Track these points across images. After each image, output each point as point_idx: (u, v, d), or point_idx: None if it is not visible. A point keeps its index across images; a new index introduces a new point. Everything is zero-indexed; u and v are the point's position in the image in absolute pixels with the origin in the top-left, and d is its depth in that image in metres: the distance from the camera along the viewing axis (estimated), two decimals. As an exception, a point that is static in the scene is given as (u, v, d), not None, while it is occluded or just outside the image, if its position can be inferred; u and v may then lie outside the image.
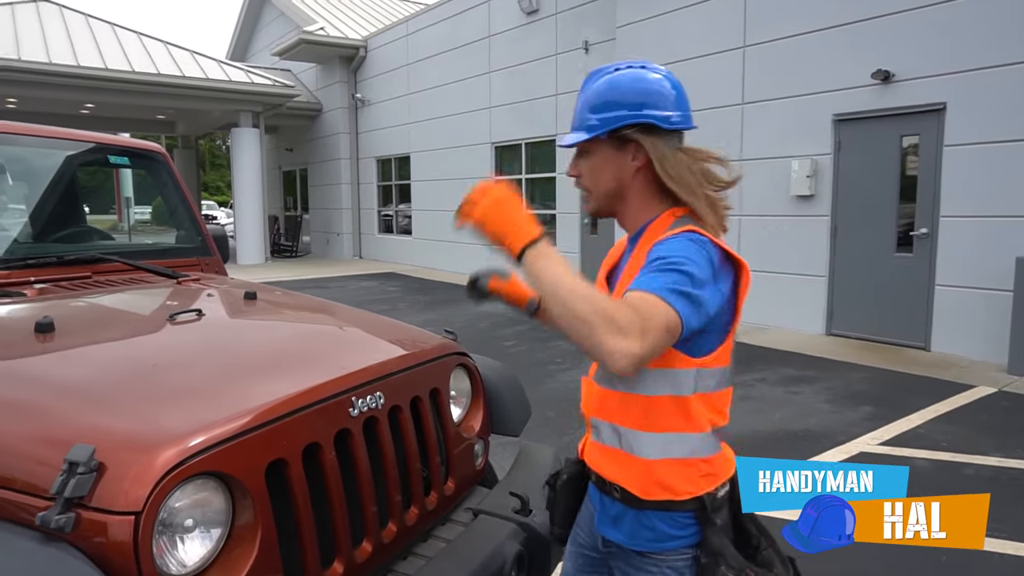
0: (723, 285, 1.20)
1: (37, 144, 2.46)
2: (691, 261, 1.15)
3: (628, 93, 1.30)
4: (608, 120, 1.30)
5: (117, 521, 1.17)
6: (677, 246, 1.19)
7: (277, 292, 2.55)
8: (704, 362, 1.23)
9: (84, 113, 16.98)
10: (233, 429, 1.36)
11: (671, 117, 1.30)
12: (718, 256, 1.20)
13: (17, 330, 1.69)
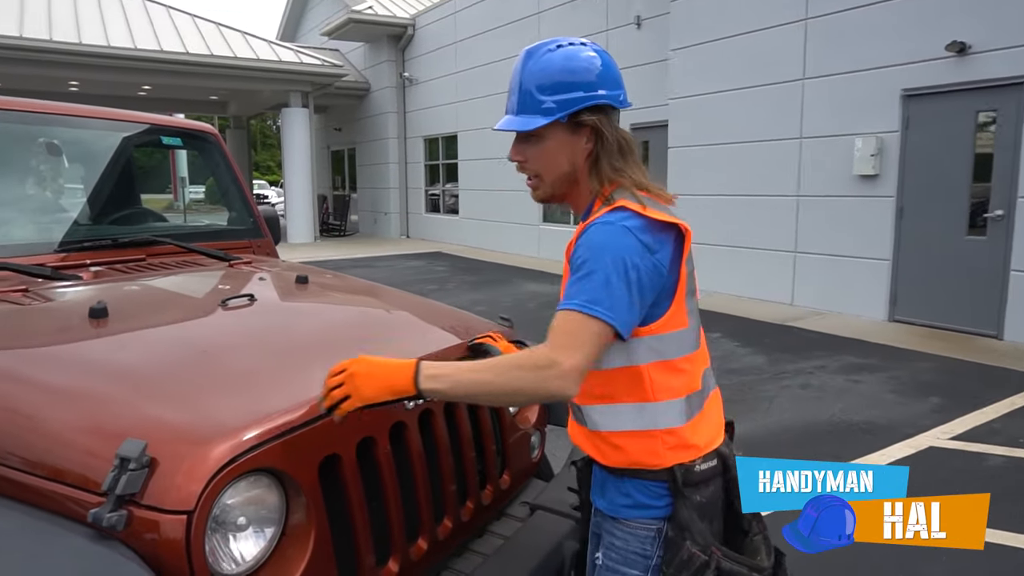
0: (660, 255, 1.21)
1: (93, 126, 2.45)
2: (604, 260, 1.17)
3: (583, 73, 1.28)
4: (566, 103, 1.27)
5: (169, 520, 1.12)
6: (593, 241, 1.20)
7: (328, 276, 2.51)
8: (653, 328, 1.24)
9: (141, 95, 17.36)
10: (287, 423, 1.31)
11: (620, 96, 1.30)
12: (648, 228, 1.20)
13: (72, 315, 1.67)
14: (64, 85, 15.52)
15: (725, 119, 8.64)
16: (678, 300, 1.25)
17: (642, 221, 1.20)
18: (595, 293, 1.16)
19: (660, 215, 1.22)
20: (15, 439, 1.26)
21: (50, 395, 1.33)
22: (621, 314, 1.16)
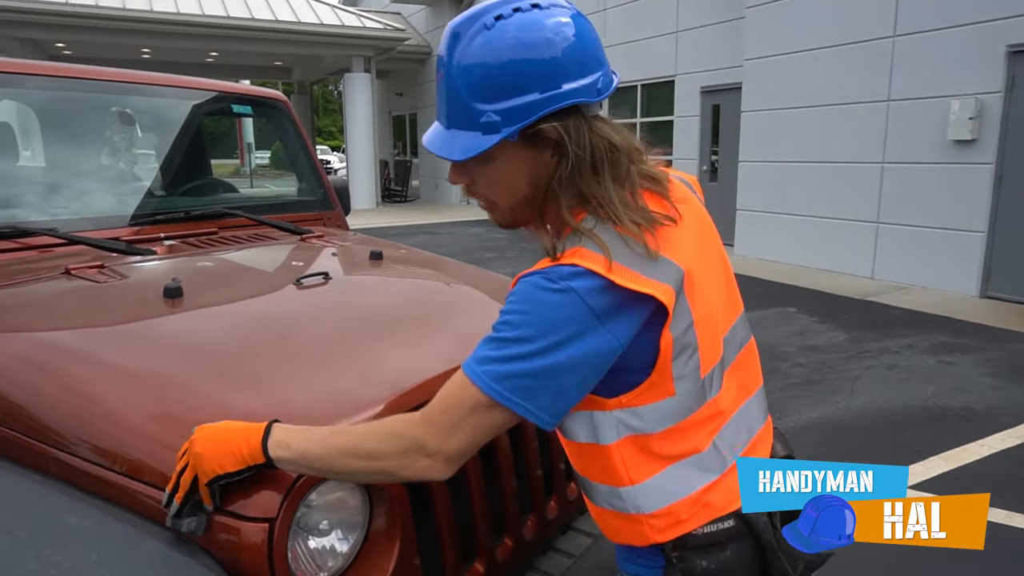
0: (616, 326, 0.91)
1: (164, 94, 2.39)
2: (529, 324, 0.90)
3: (538, 64, 0.92)
4: (514, 113, 0.93)
5: (251, 527, 1.04)
6: (525, 297, 0.92)
7: (402, 250, 2.41)
8: (623, 401, 0.98)
9: (209, 61, 17.64)
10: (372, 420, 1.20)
11: (597, 83, 0.96)
12: (606, 291, 0.90)
13: (147, 295, 1.61)
14: (137, 52, 15.90)
15: (804, 81, 8.16)
16: (660, 370, 0.96)
17: (597, 282, 0.89)
18: (503, 365, 0.90)
19: (629, 279, 0.90)
20: (89, 427, 1.19)
21: (125, 383, 1.26)
22: (534, 400, 0.91)
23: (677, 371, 0.98)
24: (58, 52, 15.82)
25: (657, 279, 0.92)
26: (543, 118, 0.93)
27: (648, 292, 0.91)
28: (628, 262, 0.91)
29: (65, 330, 1.46)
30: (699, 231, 1.07)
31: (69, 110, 2.16)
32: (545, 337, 0.89)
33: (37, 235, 1.84)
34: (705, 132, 10.45)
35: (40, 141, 2.19)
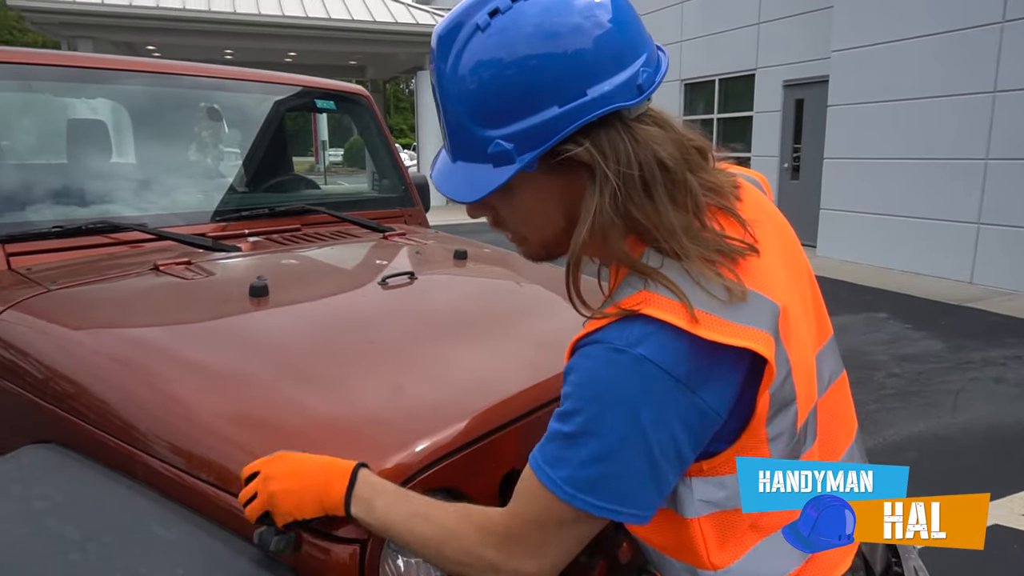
0: (708, 392, 0.74)
1: (248, 89, 2.38)
2: (606, 416, 0.72)
3: (552, 67, 0.72)
4: (527, 136, 0.74)
5: (341, 548, 0.96)
6: (590, 380, 0.74)
7: (487, 250, 2.32)
8: (707, 468, 0.81)
9: (287, 61, 18.13)
10: (467, 434, 1.12)
11: (638, 77, 0.75)
12: (690, 354, 0.72)
13: (232, 294, 1.58)
14: (220, 54, 16.47)
15: (898, 72, 7.70)
16: (752, 433, 0.79)
17: (678, 340, 0.71)
18: (582, 470, 0.74)
19: (719, 329, 0.71)
20: (175, 430, 1.15)
21: (210, 384, 1.22)
22: (631, 499, 0.75)
23: (772, 431, 0.81)
24: (148, 55, 16.57)
25: (752, 325, 0.74)
26: (568, 137, 0.74)
27: (745, 346, 0.72)
28: (712, 308, 0.73)
29: (152, 327, 1.43)
30: (781, 248, 0.88)
31: (158, 106, 2.17)
32: (623, 427, 0.72)
33: (128, 231, 1.84)
34: (787, 128, 10.03)
35: (131, 137, 2.21)
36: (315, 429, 1.10)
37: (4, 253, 1.68)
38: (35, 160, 1.93)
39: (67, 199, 1.88)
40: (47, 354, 1.36)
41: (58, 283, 1.56)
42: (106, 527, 1.03)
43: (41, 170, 1.94)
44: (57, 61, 1.92)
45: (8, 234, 1.69)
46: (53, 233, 1.74)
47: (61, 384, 1.29)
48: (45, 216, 1.78)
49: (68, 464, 1.19)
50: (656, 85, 0.77)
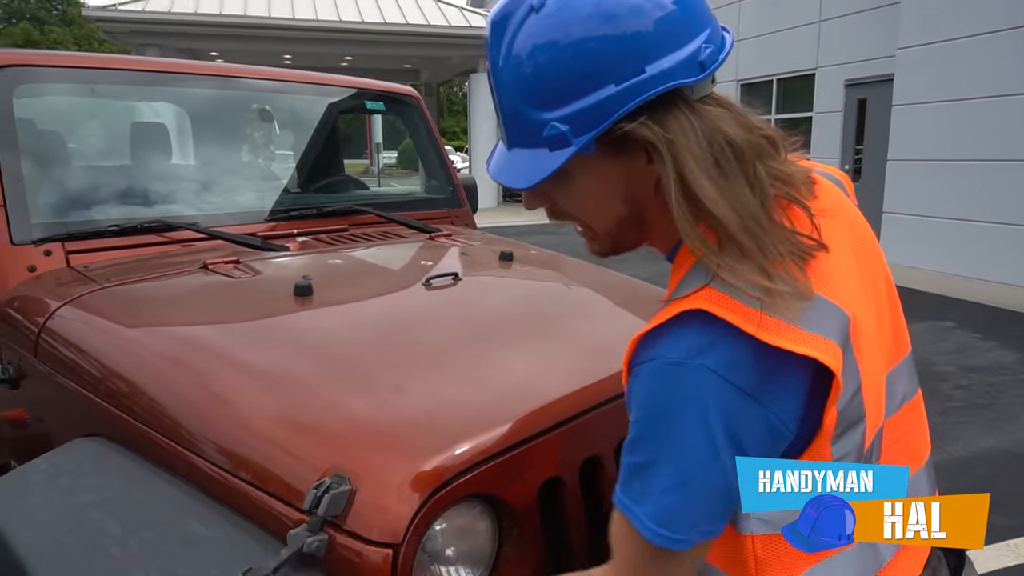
0: (775, 403, 0.68)
1: (299, 91, 2.41)
2: (672, 439, 0.68)
3: (609, 45, 0.69)
4: (583, 117, 0.71)
5: (374, 551, 0.95)
6: (651, 397, 0.69)
7: (532, 251, 2.30)
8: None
9: (344, 65, 18.48)
10: (506, 439, 1.09)
11: (700, 53, 0.71)
12: (753, 361, 0.66)
13: (278, 293, 1.59)
14: (279, 59, 16.90)
15: (970, 70, 7.36)
16: (815, 451, 0.74)
17: (742, 346, 0.67)
18: (663, 502, 0.69)
19: (784, 335, 0.66)
20: (215, 428, 1.16)
21: (252, 384, 1.22)
22: (709, 523, 0.72)
23: (837, 452, 0.75)
24: (211, 60, 17.14)
25: (820, 333, 0.68)
26: (627, 116, 0.70)
27: (811, 354, 0.67)
28: (778, 311, 0.67)
29: (198, 326, 1.45)
30: (857, 252, 0.81)
31: (213, 108, 2.21)
32: (696, 447, 0.68)
33: (180, 230, 1.88)
34: (848, 129, 9.71)
35: (189, 139, 2.26)
36: (354, 431, 1.09)
37: (64, 251, 1.73)
38: (94, 162, 1.99)
39: (125, 199, 1.94)
40: (97, 349, 1.39)
41: (112, 280, 1.60)
42: (147, 523, 1.04)
43: (100, 171, 2.00)
44: (113, 65, 1.98)
45: (68, 233, 1.74)
46: (109, 232, 1.79)
47: (109, 379, 1.32)
48: (103, 216, 1.83)
49: (115, 458, 1.21)
50: (719, 63, 0.74)
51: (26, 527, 1.05)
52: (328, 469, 1.01)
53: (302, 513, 0.98)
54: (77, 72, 1.91)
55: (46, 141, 1.88)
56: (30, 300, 1.59)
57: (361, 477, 0.99)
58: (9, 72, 1.78)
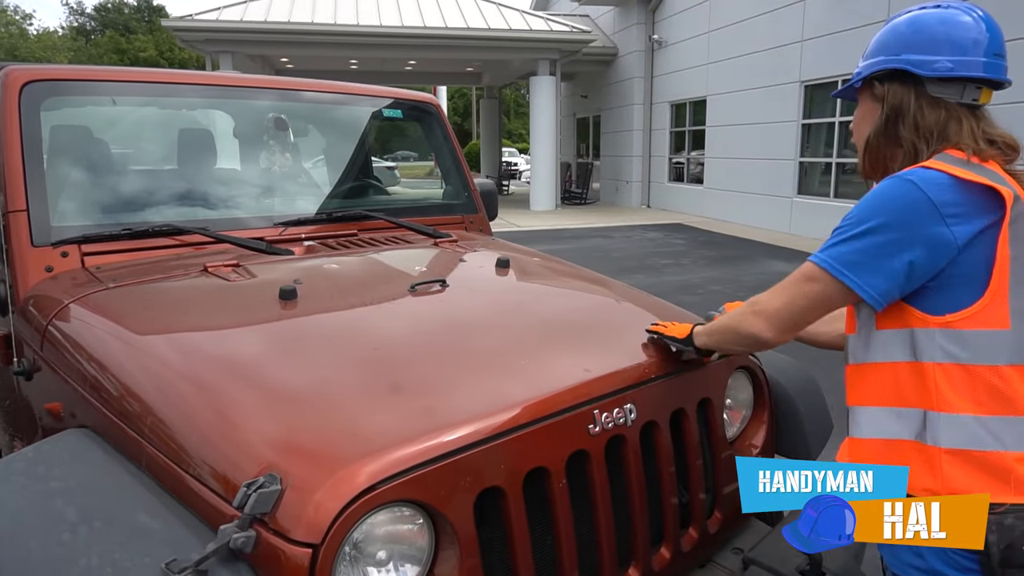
0: (956, 222, 1.02)
1: (314, 100, 2.49)
2: (868, 210, 1.06)
3: (897, 35, 1.15)
4: (869, 66, 1.18)
5: (294, 551, 0.99)
6: (871, 195, 1.08)
7: (535, 259, 2.31)
8: (948, 321, 1.03)
9: (408, 69, 18.85)
10: (442, 446, 1.11)
11: (937, 63, 1.10)
12: (950, 187, 1.03)
13: (264, 296, 1.66)
14: (345, 64, 17.38)
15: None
16: (993, 291, 1.02)
17: (942, 177, 1.03)
18: (837, 245, 1.08)
19: (972, 175, 1.03)
20: (168, 424, 1.22)
21: (208, 382, 1.29)
22: (863, 275, 1.05)
23: (1016, 300, 1.02)
24: (282, 67, 17.74)
25: (996, 183, 1.02)
26: (877, 74, 1.16)
27: (989, 184, 1.01)
28: (970, 169, 1.04)
29: (175, 325, 1.54)
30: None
31: (230, 116, 2.31)
32: (877, 218, 1.04)
33: (189, 233, 1.97)
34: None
35: (206, 146, 2.37)
36: (292, 433, 1.14)
37: (79, 253, 1.85)
38: (111, 169, 2.11)
39: (140, 204, 2.05)
40: (88, 345, 1.49)
41: (116, 281, 1.70)
42: (100, 512, 1.11)
43: (116, 177, 2.11)
44: (133, 77, 2.10)
45: (83, 235, 1.86)
46: (122, 235, 1.89)
47: (92, 373, 1.41)
48: (117, 220, 1.94)
49: (91, 450, 1.29)
50: (951, 73, 1.10)
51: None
52: (264, 468, 1.06)
53: (235, 509, 1.03)
54: (99, 85, 2.04)
55: (67, 150, 2.00)
56: (43, 298, 1.70)
57: (291, 477, 1.03)
58: (37, 87, 1.91)
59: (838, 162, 10.84)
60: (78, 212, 1.91)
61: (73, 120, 2.10)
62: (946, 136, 1.11)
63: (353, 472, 1.03)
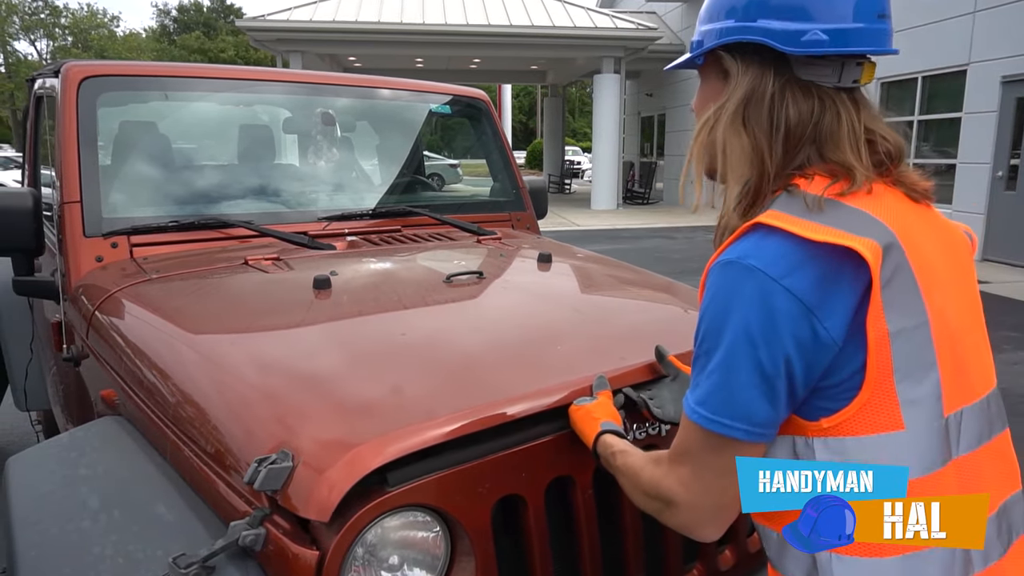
0: (825, 312, 0.75)
1: (361, 95, 2.49)
2: (724, 330, 0.77)
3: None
4: (715, 34, 0.90)
5: (302, 552, 0.96)
6: (711, 293, 0.80)
7: (579, 255, 2.25)
8: (825, 428, 0.78)
9: (472, 67, 18.95)
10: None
11: (807, 33, 0.82)
12: (804, 263, 0.75)
13: (298, 287, 1.66)
14: (411, 62, 17.60)
15: None
16: (873, 382, 0.76)
17: (786, 247, 0.76)
18: (712, 390, 0.79)
19: (820, 231, 0.75)
20: (190, 415, 1.22)
21: (235, 369, 1.29)
22: (742, 412, 0.78)
23: (905, 392, 0.77)
24: (350, 65, 18.11)
25: (857, 233, 0.76)
26: (723, 47, 0.88)
27: (846, 244, 0.74)
28: (818, 219, 0.77)
29: (210, 314, 1.55)
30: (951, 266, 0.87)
31: (281, 111, 2.33)
32: (733, 334, 0.77)
33: (234, 227, 2.00)
34: (1004, 130, 8.73)
35: (256, 141, 2.40)
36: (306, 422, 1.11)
37: (128, 244, 1.89)
38: (162, 162, 2.16)
39: (190, 198, 2.09)
40: (123, 333, 1.52)
41: (159, 273, 1.73)
42: (121, 501, 1.12)
43: (167, 170, 2.16)
44: (187, 73, 2.14)
45: (132, 227, 1.90)
46: (169, 227, 1.93)
47: (125, 361, 1.43)
48: (166, 212, 1.99)
49: (122, 437, 1.31)
50: (823, 51, 0.83)
51: (26, 493, 1.17)
52: (275, 448, 1.03)
53: (245, 487, 1.01)
54: (154, 80, 2.09)
55: (119, 143, 2.06)
56: (91, 288, 1.75)
57: (303, 455, 1.01)
58: (95, 82, 1.97)
59: (916, 163, 10.33)
60: (129, 204, 1.96)
61: (134, 115, 2.16)
62: (817, 137, 0.84)
63: (366, 451, 1.00)
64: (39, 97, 2.41)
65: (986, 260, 8.74)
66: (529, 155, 35.33)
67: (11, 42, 34.03)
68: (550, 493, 1.15)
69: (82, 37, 36.22)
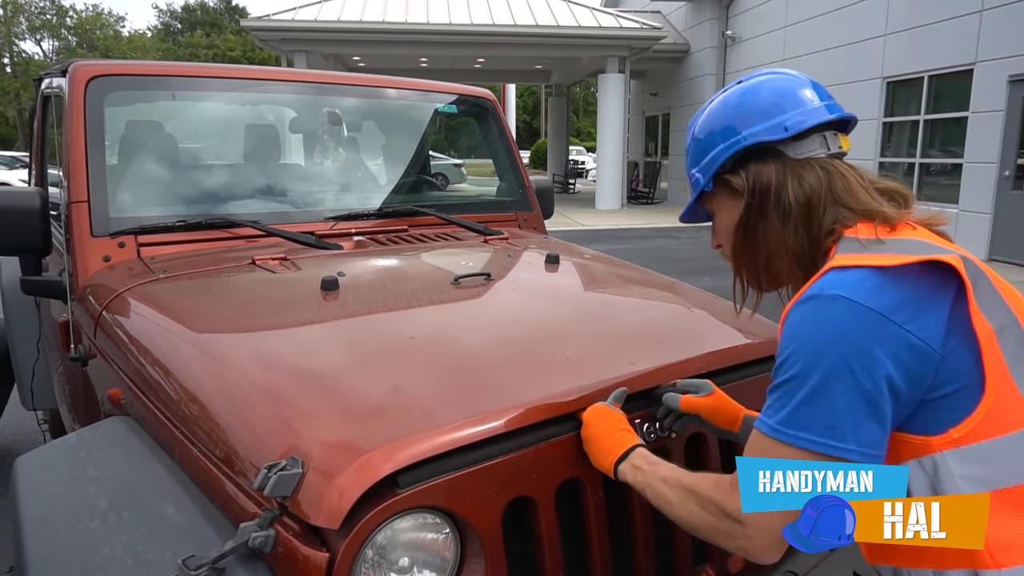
0: (915, 320, 0.79)
1: (366, 94, 2.49)
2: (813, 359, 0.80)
3: (726, 117, 1.01)
4: (709, 163, 1.02)
5: (311, 553, 0.96)
6: (796, 331, 0.84)
7: (586, 255, 2.24)
8: (957, 438, 0.80)
9: (477, 67, 18.95)
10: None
11: (787, 119, 0.96)
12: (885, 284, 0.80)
13: (305, 291, 1.65)
14: (416, 62, 17.60)
15: None
16: (996, 382, 0.79)
17: (865, 275, 0.82)
18: (800, 410, 0.81)
19: (897, 258, 0.81)
20: (199, 416, 1.21)
21: (241, 370, 1.28)
22: (847, 434, 0.79)
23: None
24: (354, 65, 18.11)
25: (932, 254, 0.82)
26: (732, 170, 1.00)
27: (932, 258, 0.80)
28: (890, 251, 0.84)
29: (217, 315, 1.55)
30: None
31: (286, 111, 2.33)
32: (829, 364, 0.79)
33: (241, 227, 1.99)
34: (1011, 129, 8.70)
35: (262, 141, 2.40)
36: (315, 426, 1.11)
37: (136, 244, 1.89)
38: (168, 162, 2.16)
39: (197, 198, 2.09)
40: (130, 333, 1.51)
41: (167, 273, 1.73)
42: (130, 502, 1.12)
43: (174, 170, 2.16)
44: (193, 72, 2.14)
45: (140, 227, 1.90)
46: (176, 227, 1.93)
47: (132, 361, 1.42)
48: (173, 212, 1.98)
49: (130, 437, 1.31)
50: (806, 127, 0.96)
51: (35, 493, 1.16)
52: (285, 452, 1.03)
53: (255, 491, 1.00)
54: (161, 80, 2.08)
55: (126, 143, 2.06)
56: (99, 287, 1.75)
57: (314, 461, 1.00)
58: (103, 82, 1.97)
59: (922, 163, 10.29)
60: (136, 204, 1.96)
61: (141, 115, 2.15)
62: (836, 198, 0.93)
63: (376, 458, 0.99)
64: (46, 96, 2.41)
65: (992, 260, 8.70)
66: (533, 155, 35.38)
67: (17, 42, 34.17)
68: (560, 495, 1.15)
69: (87, 37, 36.34)
